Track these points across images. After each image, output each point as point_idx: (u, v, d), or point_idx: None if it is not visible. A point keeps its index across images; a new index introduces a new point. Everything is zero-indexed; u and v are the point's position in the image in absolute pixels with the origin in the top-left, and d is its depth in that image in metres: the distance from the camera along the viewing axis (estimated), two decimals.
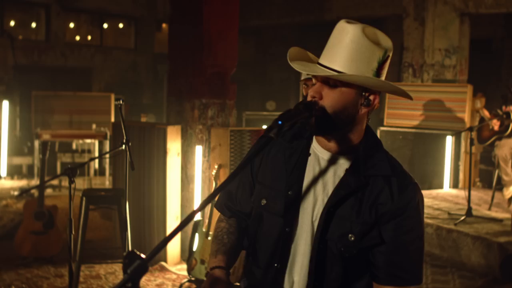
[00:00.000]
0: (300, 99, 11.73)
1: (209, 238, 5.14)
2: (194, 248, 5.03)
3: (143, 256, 1.26)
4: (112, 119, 9.19)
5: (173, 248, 5.60)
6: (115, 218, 5.71)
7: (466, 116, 7.97)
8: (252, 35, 13.50)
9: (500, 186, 7.11)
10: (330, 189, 1.77)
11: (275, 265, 1.82)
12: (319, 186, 1.79)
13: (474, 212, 6.39)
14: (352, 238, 1.72)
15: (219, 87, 5.74)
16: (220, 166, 5.40)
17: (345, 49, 1.68)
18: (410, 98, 1.78)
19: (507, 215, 6.63)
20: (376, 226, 1.73)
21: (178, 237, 5.66)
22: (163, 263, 5.50)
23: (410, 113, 8.42)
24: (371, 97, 1.74)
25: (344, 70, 1.68)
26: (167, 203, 5.50)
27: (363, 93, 1.73)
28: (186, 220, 1.39)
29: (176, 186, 5.59)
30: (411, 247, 1.76)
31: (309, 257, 1.77)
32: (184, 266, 5.49)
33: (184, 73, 5.71)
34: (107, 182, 8.94)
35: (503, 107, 6.70)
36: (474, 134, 6.30)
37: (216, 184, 5.32)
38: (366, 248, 1.75)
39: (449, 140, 8.02)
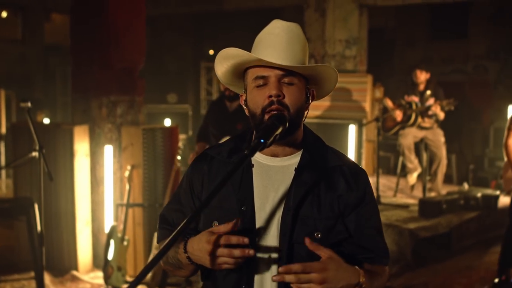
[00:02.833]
0: (201, 91, 11.56)
1: (125, 243, 4.90)
2: (110, 255, 4.77)
3: None
4: (3, 118, 8.49)
5: (85, 254, 5.28)
6: (18, 227, 5.27)
7: (367, 106, 8.20)
8: (147, 25, 13.06)
9: (404, 172, 7.38)
10: (285, 193, 1.71)
11: (243, 287, 1.70)
12: (272, 194, 1.72)
13: (382, 200, 6.59)
14: (319, 236, 1.67)
15: (127, 83, 5.47)
16: (133, 167, 5.15)
17: (295, 46, 1.69)
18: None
19: (411, 201, 6.91)
20: (340, 219, 1.71)
21: (89, 243, 5.34)
22: (74, 272, 5.16)
23: (313, 104, 8.50)
24: (311, 91, 1.76)
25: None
26: (76, 207, 5.17)
27: (308, 88, 1.74)
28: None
29: (85, 189, 5.27)
30: (375, 229, 1.77)
31: (277, 269, 1.67)
32: (98, 273, 5.20)
33: (89, 69, 5.36)
34: (3, 185, 8.26)
35: (406, 97, 6.93)
36: (379, 123, 6.47)
37: (130, 186, 5.07)
38: (334, 245, 1.69)
39: (352, 129, 8.22)
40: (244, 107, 1.77)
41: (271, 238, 1.69)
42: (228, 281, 1.72)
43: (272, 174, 1.74)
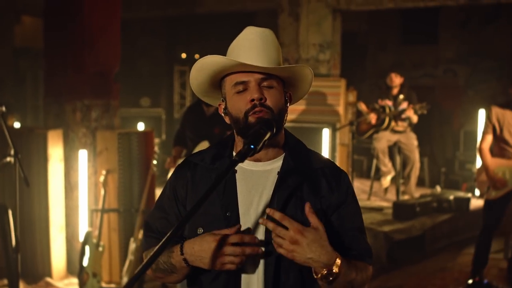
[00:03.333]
0: (175, 95, 11.51)
1: (100, 249, 4.84)
2: (85, 262, 4.70)
3: None
4: None
5: (58, 261, 5.21)
6: None
7: (341, 109, 8.25)
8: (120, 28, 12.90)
9: (378, 176, 7.46)
10: (269, 197, 1.72)
11: None
12: (256, 198, 1.73)
13: None
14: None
15: (102, 87, 5.41)
16: (108, 172, 5.10)
17: (270, 49, 1.71)
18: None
19: (385, 204, 6.99)
20: (323, 221, 1.70)
21: (63, 249, 5.27)
22: (48, 279, 5.08)
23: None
24: (288, 94, 1.78)
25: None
26: (50, 212, 5.10)
27: (285, 91, 1.76)
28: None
29: (59, 195, 5.20)
30: (357, 229, 1.79)
31: (263, 272, 1.69)
32: (72, 280, 5.13)
33: (63, 73, 5.30)
34: None
35: (379, 101, 7.00)
36: (353, 127, 6.53)
37: (105, 191, 5.01)
38: None
39: (326, 133, 8.27)
40: (223, 115, 1.78)
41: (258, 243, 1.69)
42: (215, 285, 1.72)
43: (256, 179, 1.75)
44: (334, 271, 1.59)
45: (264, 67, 1.66)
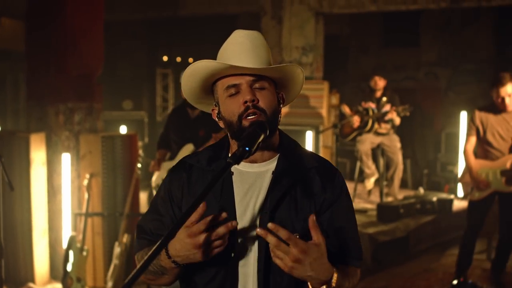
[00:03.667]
0: (157, 98, 11.45)
1: (84, 253, 4.79)
2: (69, 266, 4.65)
3: None
4: None
5: (41, 265, 5.14)
6: None
7: (324, 112, 8.28)
8: None
9: (362, 178, 7.49)
10: (264, 198, 1.72)
11: None
12: (252, 200, 1.73)
13: None
14: (297, 237, 1.65)
15: (85, 90, 5.36)
16: (91, 175, 5.05)
17: (260, 51, 1.71)
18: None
19: (369, 206, 7.02)
20: (317, 220, 1.69)
21: (46, 253, 5.20)
22: (31, 284, 5.01)
23: None
24: (281, 95, 1.78)
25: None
26: (32, 217, 5.03)
27: (278, 92, 1.76)
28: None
29: (42, 199, 5.13)
30: (349, 229, 1.78)
31: (257, 273, 1.69)
32: (56, 285, 5.08)
33: (45, 75, 5.24)
34: None
35: (362, 103, 7.04)
36: (337, 130, 6.54)
37: (88, 195, 4.96)
38: None
39: (309, 136, 8.29)
40: (217, 120, 1.78)
41: (252, 243, 1.71)
42: (211, 287, 1.71)
43: (252, 180, 1.75)
44: (331, 286, 1.59)
45: (254, 68, 1.66)
